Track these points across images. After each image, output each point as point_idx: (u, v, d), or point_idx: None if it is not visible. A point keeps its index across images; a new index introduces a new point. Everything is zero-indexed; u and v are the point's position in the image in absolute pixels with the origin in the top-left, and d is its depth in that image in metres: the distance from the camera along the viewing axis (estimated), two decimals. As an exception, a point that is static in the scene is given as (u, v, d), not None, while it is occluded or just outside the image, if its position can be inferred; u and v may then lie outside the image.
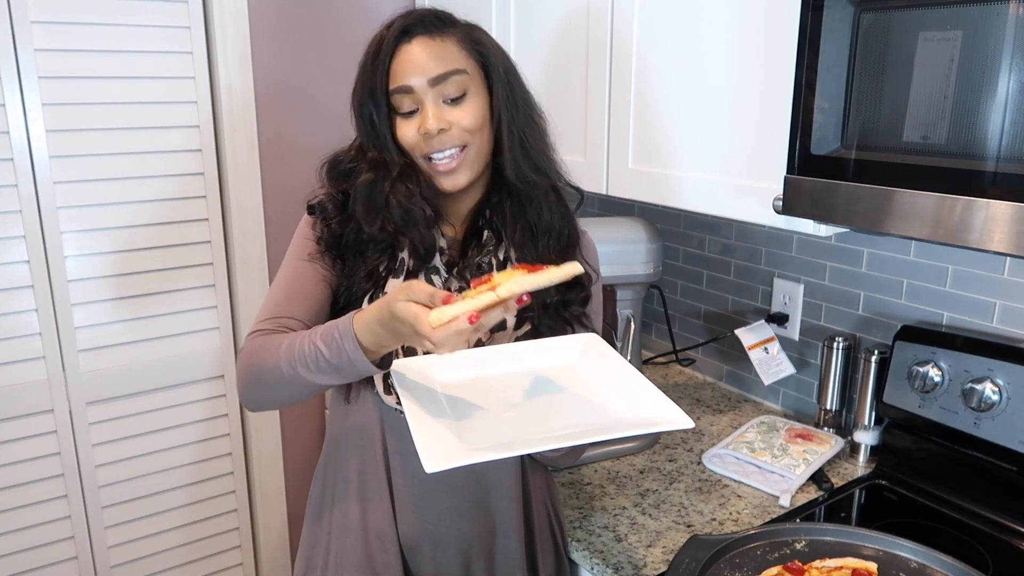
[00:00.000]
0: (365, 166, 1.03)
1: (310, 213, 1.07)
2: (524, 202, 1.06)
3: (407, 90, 0.98)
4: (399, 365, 0.96)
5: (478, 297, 0.80)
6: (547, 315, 1.06)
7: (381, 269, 1.03)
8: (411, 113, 1.00)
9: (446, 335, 0.80)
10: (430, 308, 0.81)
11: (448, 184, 1.02)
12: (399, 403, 1.03)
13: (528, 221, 1.06)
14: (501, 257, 1.06)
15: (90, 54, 1.64)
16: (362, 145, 1.05)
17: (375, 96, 1.00)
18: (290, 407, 1.04)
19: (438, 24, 1.00)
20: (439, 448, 0.81)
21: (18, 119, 1.59)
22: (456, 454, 0.81)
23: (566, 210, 1.10)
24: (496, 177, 1.07)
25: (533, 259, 1.05)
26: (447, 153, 1.00)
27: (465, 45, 1.01)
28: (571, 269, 0.83)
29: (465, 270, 1.05)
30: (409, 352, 1.01)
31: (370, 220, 1.02)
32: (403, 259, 1.03)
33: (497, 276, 0.86)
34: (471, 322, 0.79)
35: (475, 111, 1.01)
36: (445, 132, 0.99)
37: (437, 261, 1.04)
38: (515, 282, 0.81)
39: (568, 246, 1.09)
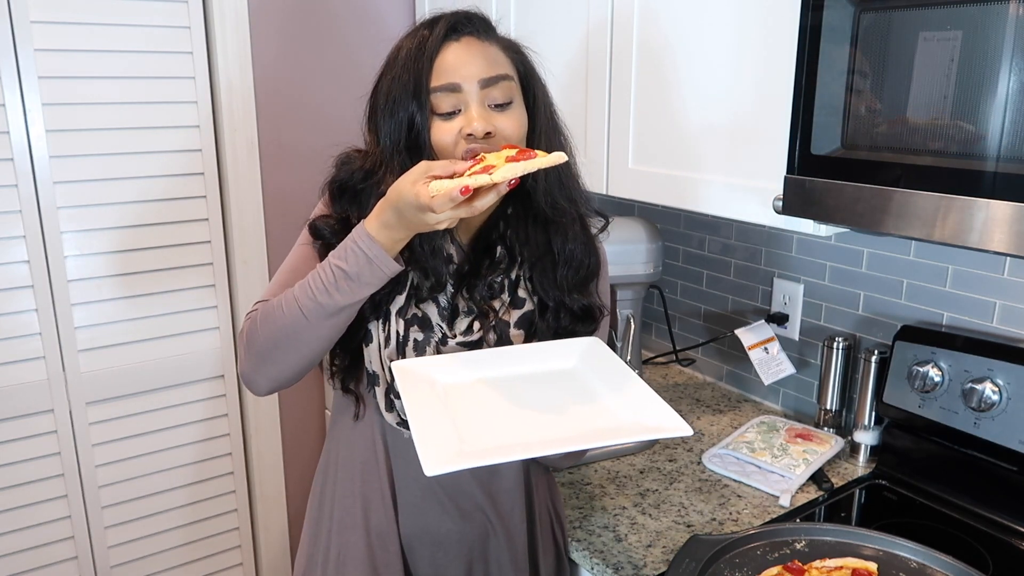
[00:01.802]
0: (385, 182, 0.93)
1: (312, 234, 1.02)
2: (550, 230, 1.02)
3: (454, 88, 0.92)
4: (401, 366, 0.96)
5: (473, 177, 0.82)
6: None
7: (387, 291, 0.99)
8: (450, 115, 0.93)
9: (442, 201, 0.82)
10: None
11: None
12: (398, 423, 1.03)
13: (552, 248, 1.02)
14: (513, 277, 1.03)
15: (90, 54, 1.64)
16: (382, 157, 0.96)
17: (419, 94, 0.92)
18: (301, 372, 1.00)
19: (486, 28, 0.96)
20: (439, 451, 0.82)
21: (18, 119, 1.59)
22: (456, 458, 0.81)
23: (589, 239, 1.06)
24: (515, 191, 1.03)
25: (551, 286, 1.03)
26: None
27: (509, 53, 0.98)
28: (557, 158, 0.86)
29: (475, 289, 1.02)
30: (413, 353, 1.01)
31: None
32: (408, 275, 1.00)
33: (489, 158, 0.87)
34: (463, 194, 0.81)
35: (519, 122, 0.96)
36: (491, 138, 0.93)
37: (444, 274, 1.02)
38: (508, 168, 0.83)
39: (587, 278, 1.05)
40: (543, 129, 1.00)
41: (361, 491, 1.09)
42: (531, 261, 1.04)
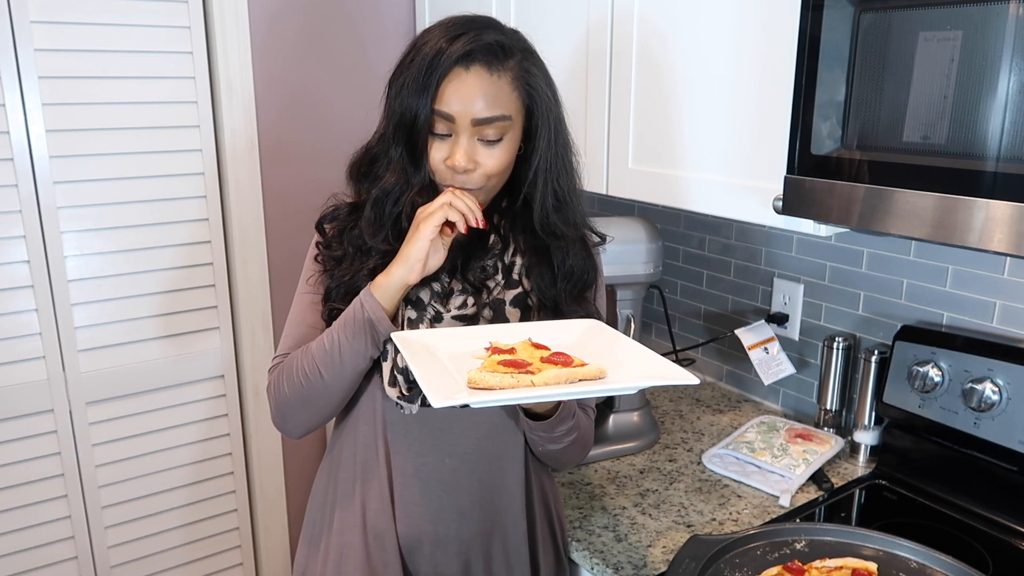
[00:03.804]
0: (387, 170, 1.02)
1: (318, 228, 1.09)
2: (550, 247, 1.05)
3: (448, 117, 0.96)
4: (403, 336, 0.96)
5: (518, 380, 0.84)
6: None
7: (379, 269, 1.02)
8: (442, 136, 0.99)
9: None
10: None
11: None
12: (400, 395, 1.03)
13: (551, 260, 1.05)
14: (507, 261, 1.06)
15: (90, 54, 1.64)
16: (384, 141, 1.02)
17: (423, 104, 0.96)
18: (330, 416, 1.10)
19: (500, 56, 0.97)
20: (445, 386, 0.81)
21: (18, 119, 1.59)
22: (462, 392, 0.81)
23: (588, 254, 1.09)
24: (510, 187, 1.06)
25: (549, 288, 1.05)
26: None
27: (518, 84, 0.99)
28: (598, 371, 0.88)
29: (468, 273, 1.05)
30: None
31: (374, 231, 1.02)
32: None
33: (520, 350, 0.91)
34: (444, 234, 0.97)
35: (504, 156, 0.99)
36: (470, 172, 0.98)
37: None
38: (552, 382, 0.86)
39: (584, 289, 1.08)
40: (541, 156, 1.02)
41: (360, 491, 1.10)
42: (528, 262, 1.06)
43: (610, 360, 0.92)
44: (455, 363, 0.91)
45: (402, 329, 1.02)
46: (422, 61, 0.96)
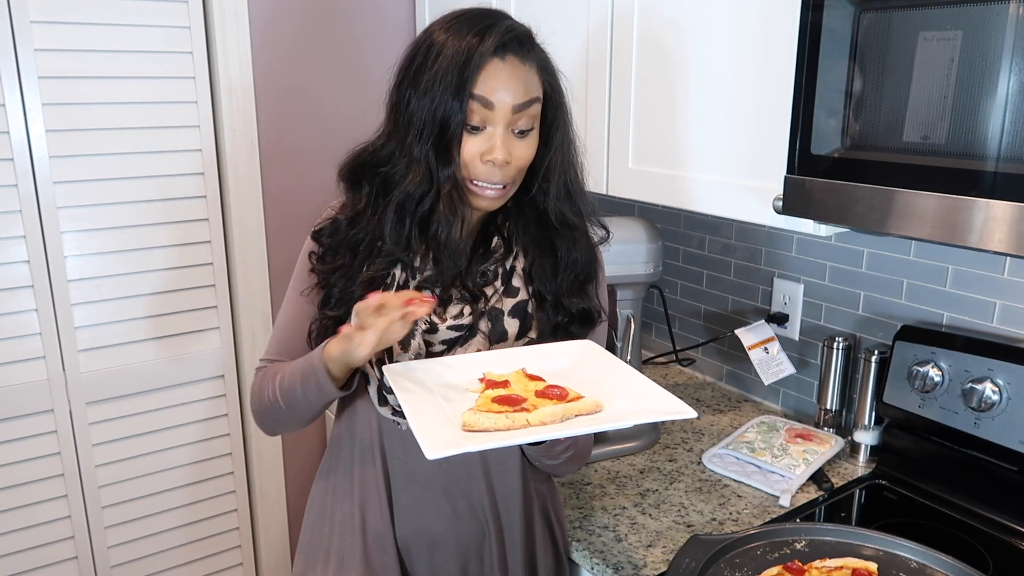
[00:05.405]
0: (407, 172, 0.96)
1: (314, 238, 1.06)
2: (555, 237, 1.04)
3: (488, 104, 0.93)
4: (394, 369, 0.95)
5: (513, 421, 0.84)
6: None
7: (378, 279, 1.01)
8: (475, 129, 0.95)
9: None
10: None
11: (481, 205, 0.99)
12: (393, 413, 1.02)
13: (555, 251, 1.04)
14: (508, 266, 1.04)
15: (90, 54, 1.64)
16: (401, 143, 0.97)
17: (461, 97, 0.92)
18: (298, 430, 1.12)
19: (528, 47, 0.97)
20: (438, 436, 0.81)
21: (18, 119, 1.59)
22: (456, 442, 0.81)
23: (591, 246, 1.08)
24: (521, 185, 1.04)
25: (550, 281, 1.03)
26: (495, 184, 0.97)
27: (542, 76, 0.99)
28: (595, 405, 0.87)
29: (468, 278, 1.02)
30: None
31: (396, 236, 0.98)
32: (394, 274, 1.01)
33: (514, 382, 0.91)
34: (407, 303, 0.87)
35: (532, 148, 0.99)
36: (508, 166, 0.96)
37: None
38: (548, 420, 0.85)
39: (586, 282, 1.07)
40: (557, 147, 1.01)
41: (359, 494, 1.10)
42: (531, 257, 1.04)
43: (606, 388, 0.91)
44: (447, 395, 0.91)
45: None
46: (454, 57, 0.93)
